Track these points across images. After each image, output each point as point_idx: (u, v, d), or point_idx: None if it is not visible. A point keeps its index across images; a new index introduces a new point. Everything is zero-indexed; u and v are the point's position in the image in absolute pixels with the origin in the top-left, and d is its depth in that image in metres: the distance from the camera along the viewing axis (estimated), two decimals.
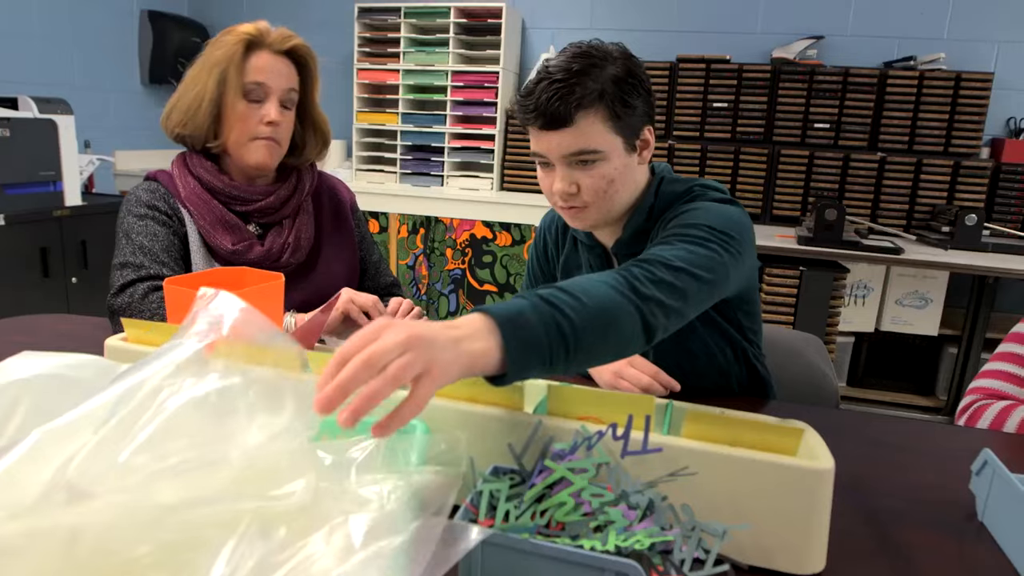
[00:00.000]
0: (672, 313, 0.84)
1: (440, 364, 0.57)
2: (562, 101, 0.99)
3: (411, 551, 0.45)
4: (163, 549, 0.39)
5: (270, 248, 1.27)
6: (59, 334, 1.28)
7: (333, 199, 1.43)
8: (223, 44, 1.22)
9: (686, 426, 0.68)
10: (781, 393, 1.31)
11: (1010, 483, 0.72)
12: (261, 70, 1.22)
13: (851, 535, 0.73)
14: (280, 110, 1.24)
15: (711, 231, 0.97)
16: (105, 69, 3.59)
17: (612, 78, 1.01)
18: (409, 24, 3.34)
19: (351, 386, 0.53)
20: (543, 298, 0.70)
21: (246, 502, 0.41)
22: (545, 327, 0.68)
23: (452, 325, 0.62)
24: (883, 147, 3.03)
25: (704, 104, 3.15)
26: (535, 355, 0.66)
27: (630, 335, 0.78)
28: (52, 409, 0.48)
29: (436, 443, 0.60)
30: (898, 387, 3.17)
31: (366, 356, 0.54)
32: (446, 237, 3.25)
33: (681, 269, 0.88)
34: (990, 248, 2.71)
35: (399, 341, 0.56)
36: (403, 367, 0.55)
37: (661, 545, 0.55)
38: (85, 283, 2.78)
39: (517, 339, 0.64)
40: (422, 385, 0.56)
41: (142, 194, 1.26)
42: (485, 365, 0.63)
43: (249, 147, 1.24)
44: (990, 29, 3.03)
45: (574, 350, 0.70)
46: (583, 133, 1.01)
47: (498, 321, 0.64)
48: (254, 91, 1.22)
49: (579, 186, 1.06)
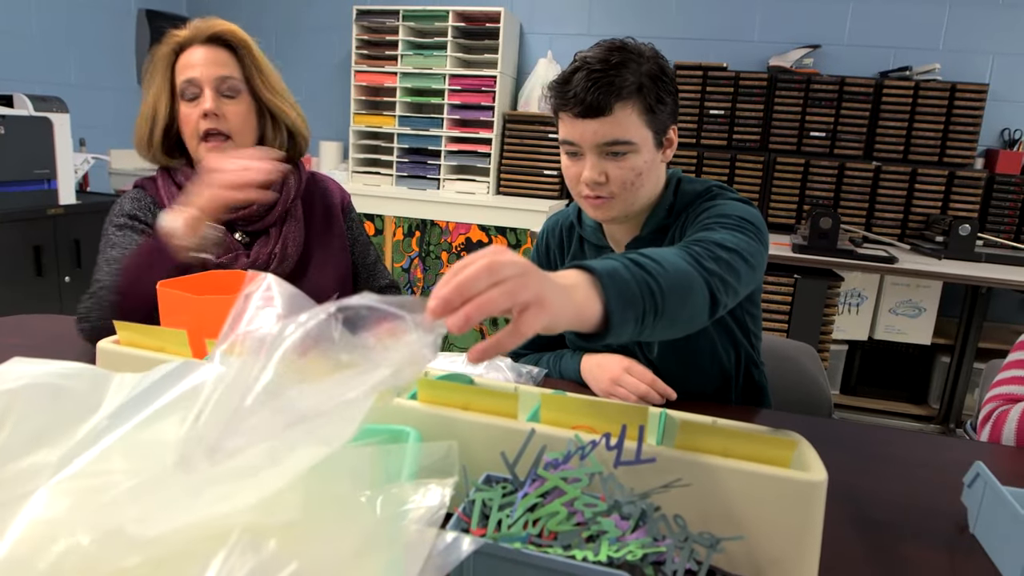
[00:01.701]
0: (730, 290, 0.86)
1: (551, 301, 0.57)
2: (602, 90, 1.01)
3: (403, 560, 0.44)
4: (150, 563, 0.38)
5: (256, 259, 1.24)
6: (52, 335, 1.27)
7: (325, 201, 1.40)
8: (158, 55, 1.20)
9: (679, 436, 0.68)
10: (775, 401, 1.32)
11: (1001, 496, 0.72)
12: (188, 66, 1.19)
13: (843, 546, 0.73)
14: (219, 100, 1.18)
15: (744, 221, 1.01)
16: (101, 68, 3.58)
17: (648, 73, 1.04)
18: (407, 27, 3.34)
19: (469, 289, 0.53)
20: (631, 260, 0.72)
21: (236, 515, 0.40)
22: (639, 286, 0.69)
23: (556, 275, 0.62)
24: (878, 156, 3.04)
25: (701, 111, 3.17)
26: (631, 313, 0.67)
27: (701, 306, 0.80)
28: (42, 420, 0.48)
29: (428, 451, 0.60)
30: (891, 395, 3.18)
31: (488, 262, 0.54)
32: (442, 240, 3.25)
33: (733, 250, 0.91)
34: (983, 258, 2.73)
35: (519, 262, 0.55)
36: (521, 285, 0.54)
37: (653, 556, 0.55)
38: (78, 282, 2.77)
39: (618, 294, 0.65)
40: (530, 314, 0.55)
41: (126, 203, 1.25)
42: (588, 317, 0.63)
43: (202, 150, 1.20)
44: (985, 40, 3.05)
45: (661, 313, 0.71)
46: (619, 123, 1.03)
47: (599, 276, 0.65)
48: (187, 89, 1.18)
49: (608, 176, 1.07)
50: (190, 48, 1.20)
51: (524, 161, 3.40)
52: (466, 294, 0.53)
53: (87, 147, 3.26)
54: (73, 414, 0.53)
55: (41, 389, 0.53)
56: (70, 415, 0.52)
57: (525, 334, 0.55)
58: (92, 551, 0.39)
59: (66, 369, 0.57)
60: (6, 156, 2.51)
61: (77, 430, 0.50)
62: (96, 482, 0.44)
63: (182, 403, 0.51)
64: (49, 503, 0.42)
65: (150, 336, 0.86)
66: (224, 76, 1.19)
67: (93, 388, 0.56)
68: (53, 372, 0.55)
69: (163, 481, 0.44)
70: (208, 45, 1.21)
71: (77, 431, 0.50)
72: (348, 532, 0.44)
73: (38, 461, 0.49)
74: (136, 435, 0.49)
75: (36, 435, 0.51)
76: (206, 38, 1.21)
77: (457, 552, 0.46)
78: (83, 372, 0.57)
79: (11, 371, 0.55)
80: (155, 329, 0.86)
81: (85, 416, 0.52)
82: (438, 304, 0.52)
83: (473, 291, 0.53)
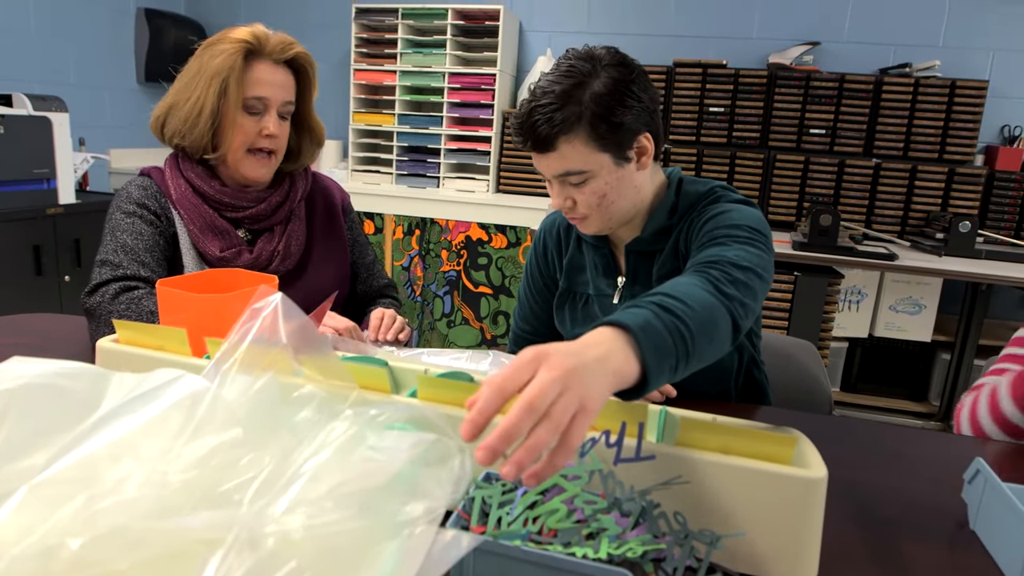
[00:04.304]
0: (749, 312, 0.86)
1: (593, 397, 0.56)
2: (542, 128, 1.03)
3: (402, 558, 0.44)
4: (145, 564, 0.38)
5: (259, 255, 1.25)
6: (51, 335, 1.27)
7: (326, 201, 1.41)
8: (221, 52, 1.18)
9: (679, 434, 0.68)
10: (775, 398, 1.32)
11: (1001, 492, 0.72)
12: (262, 83, 1.20)
13: (843, 542, 0.73)
14: (278, 122, 1.23)
15: (754, 231, 1.01)
16: (101, 67, 3.57)
17: (595, 97, 1.02)
18: (406, 25, 3.34)
19: (515, 434, 0.51)
20: (660, 306, 0.71)
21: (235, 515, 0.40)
22: (671, 335, 0.69)
23: (588, 344, 0.61)
24: (878, 153, 3.04)
25: (700, 108, 3.16)
26: (667, 364, 0.67)
27: (725, 337, 0.80)
28: (41, 420, 0.47)
29: (431, 448, 0.60)
30: (891, 393, 3.18)
31: (527, 402, 0.52)
32: (441, 239, 3.25)
33: (749, 268, 0.90)
34: (983, 255, 2.72)
35: (555, 377, 0.53)
36: (564, 410, 0.53)
37: (653, 553, 0.55)
38: (78, 282, 2.77)
39: (653, 350, 0.65)
40: (577, 424, 0.54)
41: (133, 190, 1.25)
42: (626, 379, 0.63)
43: (245, 161, 1.22)
44: (985, 37, 3.04)
45: (691, 356, 0.71)
46: (565, 157, 1.05)
47: (633, 333, 0.64)
48: (255, 104, 1.20)
49: (574, 201, 1.10)
50: (263, 62, 1.21)
51: (524, 159, 3.39)
52: (513, 438, 0.51)
53: (87, 146, 3.26)
54: (73, 414, 0.53)
55: (40, 388, 0.53)
56: (70, 415, 0.52)
57: (574, 447, 0.54)
58: (82, 554, 0.38)
59: (65, 368, 0.56)
60: (5, 156, 2.51)
61: (76, 430, 0.50)
62: (85, 482, 0.44)
63: (175, 412, 0.51)
64: (30, 501, 0.42)
65: (150, 335, 0.86)
66: (289, 101, 1.24)
67: (93, 387, 0.56)
68: (52, 371, 0.55)
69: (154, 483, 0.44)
70: (280, 66, 1.23)
71: (76, 431, 0.50)
72: (347, 530, 0.44)
73: (37, 461, 0.49)
74: (127, 438, 0.48)
75: (35, 435, 0.51)
76: (282, 60, 1.23)
77: (457, 549, 0.46)
78: (83, 371, 0.57)
79: (10, 370, 0.55)
80: (154, 328, 0.86)
81: (85, 415, 0.52)
82: (485, 454, 0.51)
83: (519, 434, 0.52)
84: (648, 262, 1.17)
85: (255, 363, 0.56)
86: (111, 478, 0.45)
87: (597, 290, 1.24)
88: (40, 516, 0.41)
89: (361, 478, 0.48)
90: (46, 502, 0.42)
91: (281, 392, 0.56)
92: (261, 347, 0.57)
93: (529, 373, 0.54)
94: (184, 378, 0.55)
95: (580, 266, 1.27)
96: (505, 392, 0.54)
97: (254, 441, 0.50)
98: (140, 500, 0.43)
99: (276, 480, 0.46)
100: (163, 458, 0.47)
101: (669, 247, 1.14)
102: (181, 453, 0.48)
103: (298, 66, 1.26)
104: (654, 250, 1.16)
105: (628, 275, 1.20)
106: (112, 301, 1.12)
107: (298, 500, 0.44)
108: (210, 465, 0.47)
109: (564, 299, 1.30)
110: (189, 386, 0.54)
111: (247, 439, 0.50)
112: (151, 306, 1.10)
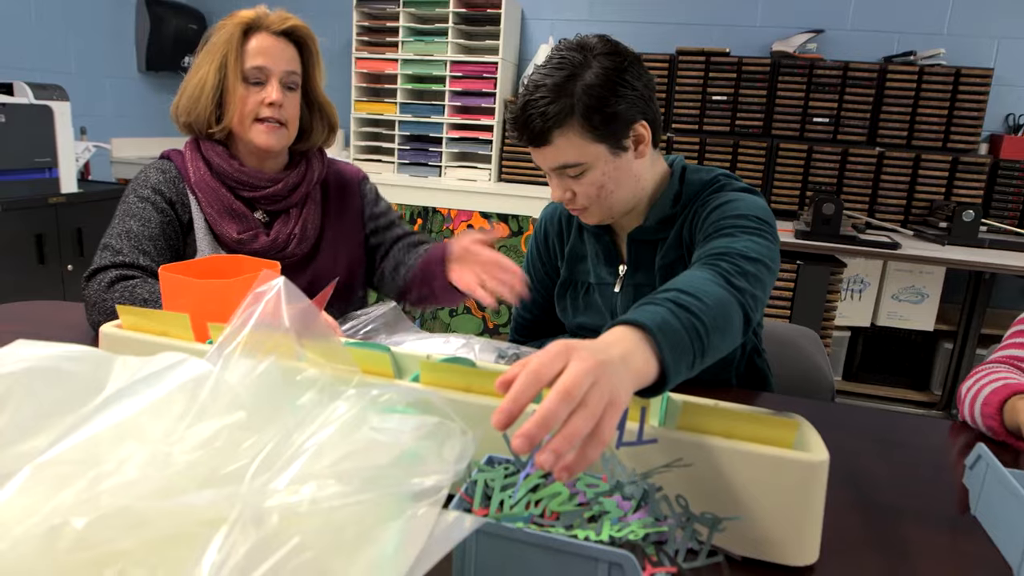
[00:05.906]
0: (759, 304, 0.87)
1: (621, 391, 0.56)
2: (535, 123, 1.03)
3: (404, 540, 0.45)
4: (149, 543, 0.38)
5: (276, 238, 1.26)
6: (54, 322, 1.27)
7: (339, 184, 1.42)
8: (222, 28, 1.22)
9: (681, 418, 0.68)
10: (777, 386, 1.32)
11: (1003, 478, 0.72)
12: (260, 53, 1.21)
13: (844, 527, 0.73)
14: (282, 91, 1.23)
15: (760, 221, 1.02)
16: (102, 55, 3.56)
17: (587, 88, 1.01)
18: (408, 13, 3.32)
19: (553, 421, 0.51)
20: (676, 303, 0.72)
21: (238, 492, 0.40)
22: (688, 333, 0.69)
23: (609, 342, 0.62)
24: (882, 142, 3.03)
25: (703, 97, 3.15)
26: (684, 362, 0.68)
27: (737, 330, 0.81)
28: (44, 403, 0.48)
29: (434, 429, 0.60)
30: (893, 382, 3.18)
31: (564, 389, 0.52)
32: (444, 228, 3.24)
33: (757, 260, 0.91)
34: (987, 244, 2.72)
35: (588, 368, 0.53)
36: (598, 399, 0.53)
37: (655, 536, 0.55)
38: (80, 270, 2.77)
39: (671, 348, 0.66)
40: (607, 418, 0.54)
41: (152, 174, 1.26)
42: (645, 378, 0.63)
43: (254, 129, 1.23)
44: (990, 25, 3.02)
45: (706, 352, 0.72)
46: (561, 150, 1.05)
47: (652, 332, 0.65)
48: (254, 75, 1.21)
49: (573, 193, 1.11)
50: (260, 34, 1.23)
51: (526, 148, 3.38)
52: (551, 425, 0.51)
53: (88, 135, 3.25)
54: (76, 396, 0.53)
55: (44, 372, 0.53)
56: (73, 397, 0.52)
57: (606, 439, 0.54)
58: (86, 534, 0.39)
59: (69, 352, 0.57)
60: (7, 145, 2.51)
61: (80, 412, 0.50)
62: (88, 463, 0.44)
63: (179, 395, 0.51)
64: (34, 481, 0.42)
65: (153, 320, 0.87)
66: (291, 71, 1.25)
67: (96, 370, 0.56)
68: (56, 355, 0.55)
69: (157, 464, 0.44)
70: (279, 37, 1.24)
71: (80, 413, 0.50)
72: (351, 503, 0.44)
73: (41, 443, 0.49)
74: (130, 420, 0.48)
75: (39, 417, 0.51)
76: (280, 31, 1.24)
77: (459, 531, 0.46)
78: (86, 355, 0.57)
79: (14, 353, 0.55)
80: (158, 313, 0.87)
81: (88, 398, 0.52)
82: (523, 442, 0.50)
83: (556, 422, 0.51)
84: (650, 250, 1.17)
85: (258, 347, 0.56)
86: (114, 459, 0.45)
87: (598, 278, 1.23)
88: (44, 496, 0.41)
89: (364, 454, 0.49)
90: (50, 482, 0.42)
91: (284, 375, 0.56)
92: (264, 331, 0.57)
93: (561, 363, 0.54)
94: (188, 361, 0.55)
95: (581, 255, 1.27)
96: (541, 379, 0.53)
97: (257, 423, 0.50)
98: (143, 480, 0.43)
99: (278, 457, 0.46)
100: (166, 440, 0.47)
101: (672, 236, 1.13)
102: (184, 435, 0.48)
103: (298, 38, 1.27)
104: (657, 239, 1.16)
105: (630, 263, 1.19)
106: (107, 290, 1.12)
107: (301, 475, 0.44)
108: (213, 447, 0.47)
109: (565, 287, 1.30)
110: (193, 369, 0.54)
111: (250, 422, 0.50)
112: (144, 294, 1.10)
